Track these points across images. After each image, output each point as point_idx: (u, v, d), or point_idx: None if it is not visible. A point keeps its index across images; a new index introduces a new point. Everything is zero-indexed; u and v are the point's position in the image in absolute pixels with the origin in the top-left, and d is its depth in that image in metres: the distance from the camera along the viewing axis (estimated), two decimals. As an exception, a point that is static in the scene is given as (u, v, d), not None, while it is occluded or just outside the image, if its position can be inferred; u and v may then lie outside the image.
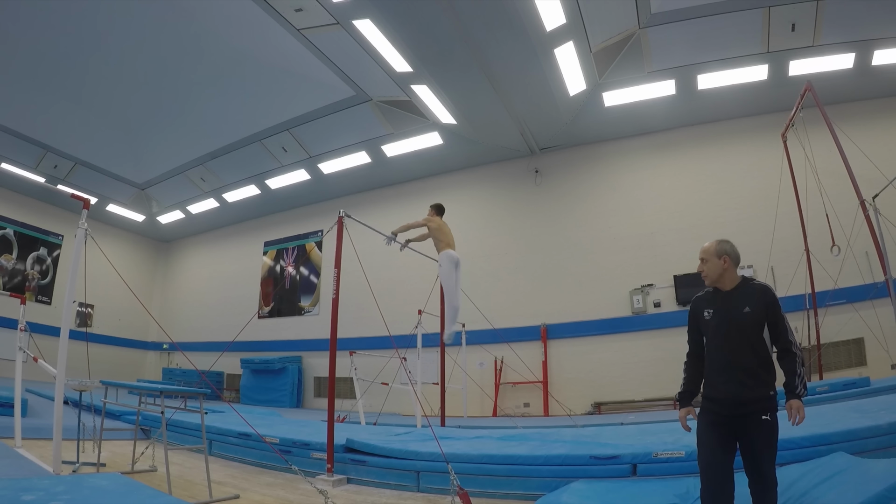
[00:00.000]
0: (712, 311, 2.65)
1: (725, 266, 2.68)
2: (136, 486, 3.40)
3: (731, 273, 2.70)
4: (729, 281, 2.69)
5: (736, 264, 2.72)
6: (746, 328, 2.54)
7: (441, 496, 4.24)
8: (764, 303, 2.57)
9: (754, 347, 2.52)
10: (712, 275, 2.69)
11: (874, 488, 2.55)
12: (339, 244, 5.61)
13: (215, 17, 9.21)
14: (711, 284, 2.72)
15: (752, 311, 2.55)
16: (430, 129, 11.29)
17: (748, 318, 2.54)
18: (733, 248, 2.73)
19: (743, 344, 2.52)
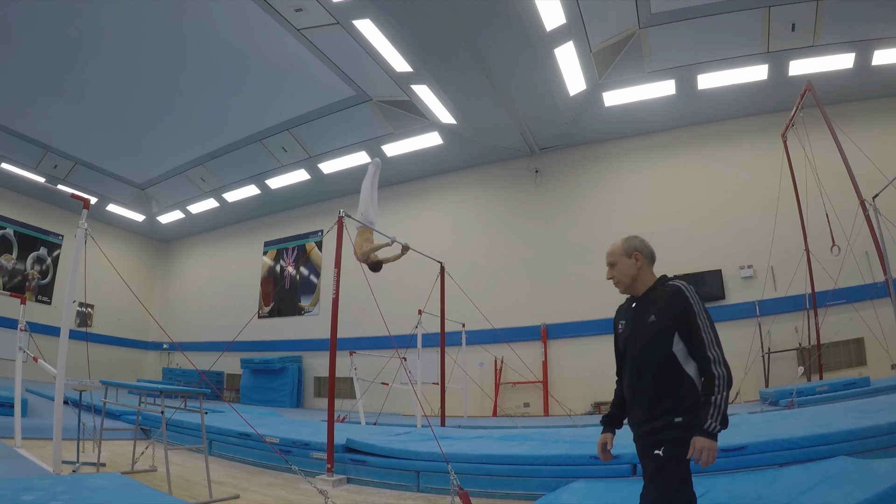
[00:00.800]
0: (624, 323, 2.25)
1: (639, 265, 2.29)
2: (136, 486, 3.40)
3: (646, 273, 2.30)
4: (642, 284, 2.27)
5: (651, 262, 2.34)
6: (650, 341, 2.06)
7: (441, 496, 4.24)
8: (673, 309, 2.05)
9: (659, 364, 2.02)
10: (624, 279, 2.30)
11: (875, 488, 2.55)
12: (339, 244, 5.61)
13: (215, 17, 9.21)
14: (626, 291, 2.33)
15: (658, 320, 2.07)
16: (430, 129, 11.29)
17: (652, 328, 2.07)
18: (644, 243, 2.37)
19: (645, 360, 2.06)
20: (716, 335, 2.00)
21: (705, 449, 1.84)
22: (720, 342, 1.98)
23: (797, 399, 6.42)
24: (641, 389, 2.05)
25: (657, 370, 2.01)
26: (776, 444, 3.61)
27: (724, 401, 1.88)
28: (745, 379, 8.61)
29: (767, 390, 7.80)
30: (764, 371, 8.85)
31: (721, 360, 1.95)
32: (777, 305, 8.88)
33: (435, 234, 12.45)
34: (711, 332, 2.00)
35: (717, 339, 1.99)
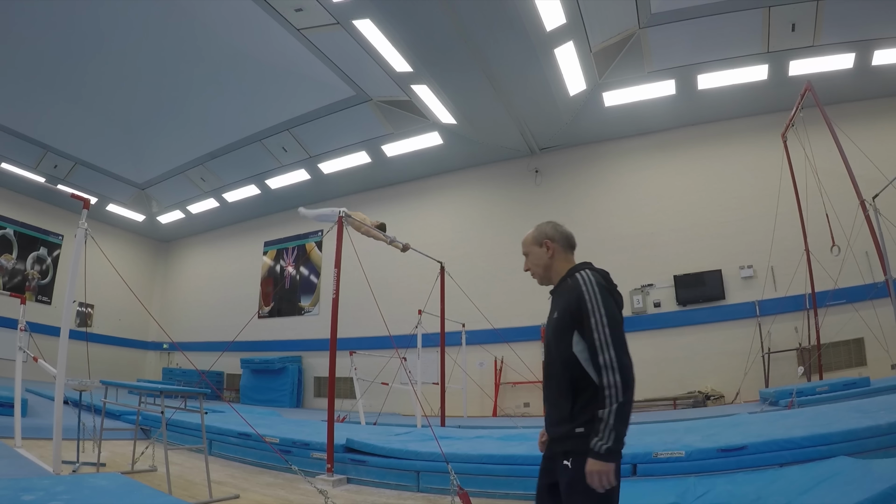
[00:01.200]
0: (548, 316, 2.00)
1: (550, 253, 2.06)
2: (136, 486, 3.40)
3: (560, 262, 2.04)
4: (556, 274, 2.02)
5: (567, 249, 2.10)
6: (553, 340, 1.85)
7: (441, 496, 4.24)
8: (568, 301, 1.82)
9: (562, 366, 1.79)
10: (537, 269, 2.07)
11: (875, 488, 2.55)
12: (339, 244, 5.61)
13: (215, 17, 9.20)
14: (542, 282, 2.09)
15: (559, 317, 1.85)
16: (430, 128, 11.29)
17: (554, 326, 1.86)
18: (558, 228, 2.13)
19: (550, 361, 1.84)
20: (613, 334, 1.71)
21: (594, 472, 1.61)
22: (619, 342, 1.70)
23: (797, 399, 6.42)
24: (547, 391, 1.85)
25: (560, 372, 1.79)
26: (776, 444, 3.62)
27: (613, 414, 1.62)
28: (745, 379, 8.62)
29: (767, 390, 7.80)
30: (764, 371, 8.85)
31: (613, 365, 1.67)
32: (777, 305, 8.88)
33: (435, 234, 12.45)
34: (605, 332, 1.71)
35: (614, 340, 1.70)
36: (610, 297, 1.81)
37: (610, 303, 1.78)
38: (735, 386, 8.78)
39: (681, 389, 9.42)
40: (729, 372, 9.02)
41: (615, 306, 1.80)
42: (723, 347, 9.36)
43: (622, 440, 1.63)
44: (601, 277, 1.87)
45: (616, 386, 1.64)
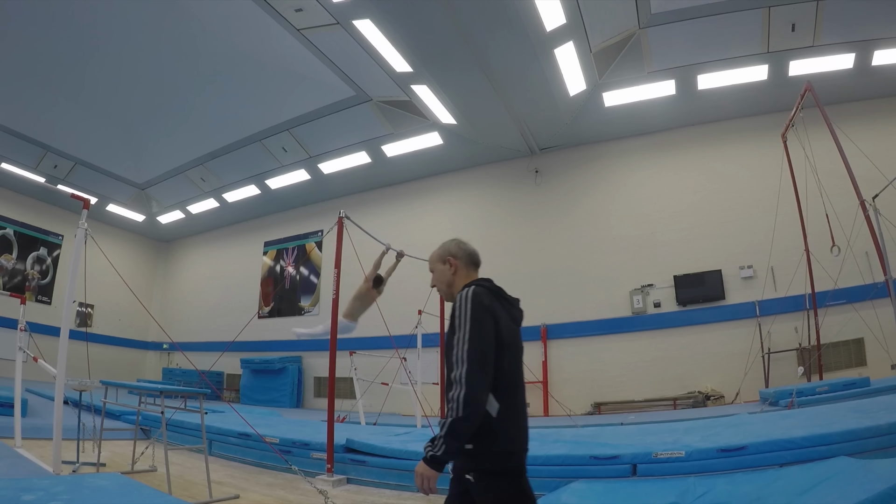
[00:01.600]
0: None
1: (453, 270, 2.10)
2: (136, 486, 3.40)
3: (461, 279, 2.08)
4: (457, 290, 2.03)
5: (469, 266, 2.12)
6: (446, 355, 1.88)
7: (441, 496, 4.24)
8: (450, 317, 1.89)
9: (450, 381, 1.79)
10: (441, 286, 2.12)
11: (875, 488, 2.55)
12: (339, 244, 5.62)
13: (215, 17, 9.20)
14: (447, 299, 2.11)
15: (448, 331, 1.89)
16: (430, 129, 11.29)
17: (446, 340, 1.89)
18: (461, 246, 2.14)
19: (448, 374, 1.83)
20: (471, 352, 1.74)
21: (419, 474, 1.73)
22: (475, 360, 1.73)
23: (797, 399, 6.42)
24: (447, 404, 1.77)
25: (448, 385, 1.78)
26: (776, 444, 3.62)
27: (447, 427, 1.68)
28: (745, 379, 8.62)
29: (767, 390, 7.79)
30: (764, 371, 8.85)
31: (462, 381, 1.71)
32: (777, 305, 8.88)
33: (435, 234, 12.36)
34: (463, 349, 1.75)
35: (469, 358, 1.73)
36: (486, 315, 1.81)
37: (483, 323, 1.79)
38: (735, 386, 8.78)
39: (681, 389, 9.42)
40: (729, 372, 9.02)
41: (489, 325, 1.80)
42: (723, 347, 9.36)
43: (452, 454, 1.70)
44: (485, 295, 1.88)
45: (458, 401, 1.68)
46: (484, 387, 1.72)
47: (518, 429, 1.85)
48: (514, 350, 1.90)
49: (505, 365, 1.81)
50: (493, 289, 1.97)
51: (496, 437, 1.76)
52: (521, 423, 1.88)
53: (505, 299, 1.97)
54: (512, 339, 1.88)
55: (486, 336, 1.78)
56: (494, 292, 1.95)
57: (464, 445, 1.72)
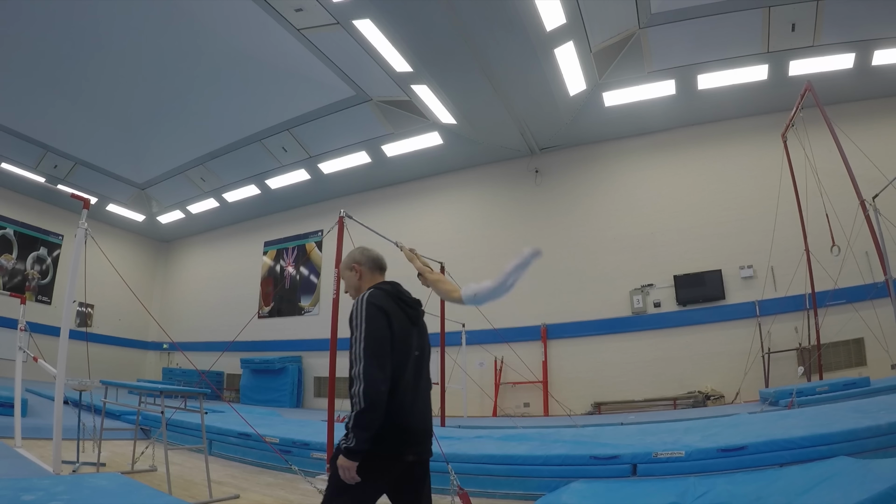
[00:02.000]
0: None
1: (358, 275, 2.27)
2: (136, 486, 3.40)
3: (366, 284, 2.23)
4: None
5: (374, 270, 2.28)
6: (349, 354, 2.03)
7: (441, 496, 4.23)
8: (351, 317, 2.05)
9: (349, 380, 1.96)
10: (351, 291, 2.29)
11: (875, 488, 2.55)
12: (339, 244, 5.62)
13: (215, 17, 9.20)
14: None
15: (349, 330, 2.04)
16: (430, 129, 11.29)
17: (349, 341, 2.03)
18: (365, 253, 2.30)
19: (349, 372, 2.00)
20: (367, 351, 1.91)
21: (339, 466, 1.85)
22: (371, 357, 1.90)
23: (797, 399, 6.42)
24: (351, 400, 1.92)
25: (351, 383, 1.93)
26: (776, 444, 3.62)
27: (353, 419, 1.85)
28: (745, 379, 8.62)
29: (767, 390, 7.80)
30: (764, 371, 8.85)
31: (360, 377, 1.87)
32: (777, 305, 8.88)
33: (435, 234, 12.45)
34: (360, 348, 1.92)
35: (366, 355, 1.90)
36: (379, 314, 1.99)
37: (375, 322, 1.97)
38: (735, 386, 8.78)
39: (681, 389, 9.42)
40: (729, 372, 9.03)
41: (383, 324, 1.97)
42: (723, 347, 9.37)
43: (363, 444, 1.84)
44: (379, 297, 2.06)
45: (359, 395, 1.86)
46: (381, 378, 1.89)
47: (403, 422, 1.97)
48: (405, 348, 2.05)
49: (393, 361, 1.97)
50: (390, 291, 2.14)
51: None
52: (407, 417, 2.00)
53: (403, 301, 2.14)
54: (403, 337, 2.05)
55: (379, 334, 1.95)
56: (392, 294, 2.12)
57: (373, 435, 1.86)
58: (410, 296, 2.21)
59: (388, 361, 1.93)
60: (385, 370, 1.91)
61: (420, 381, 2.12)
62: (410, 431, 2.01)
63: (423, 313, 2.23)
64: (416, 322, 2.16)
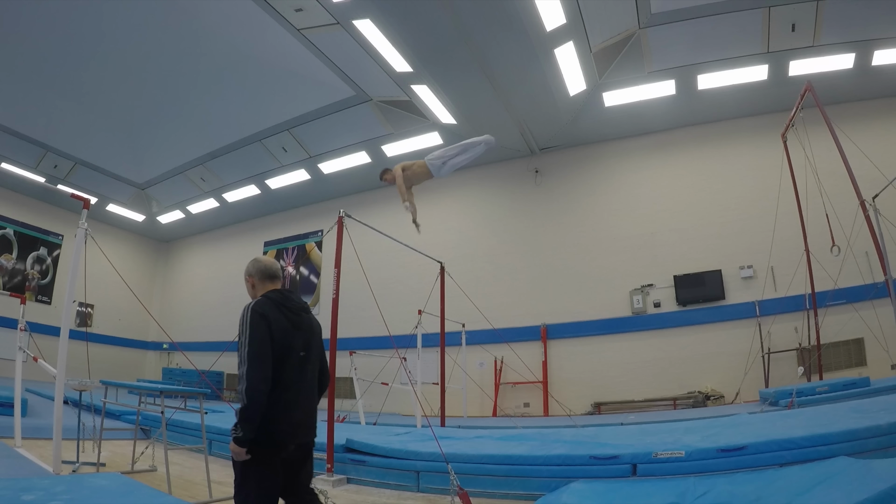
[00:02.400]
0: None
1: (251, 284, 2.60)
2: (136, 486, 3.40)
3: (259, 292, 2.54)
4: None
5: (264, 280, 2.57)
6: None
7: (441, 496, 4.24)
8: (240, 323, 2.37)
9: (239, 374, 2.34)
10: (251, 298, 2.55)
11: (875, 488, 2.55)
12: (339, 244, 5.62)
13: (215, 17, 9.20)
14: None
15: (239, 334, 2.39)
16: (430, 129, 11.29)
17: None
18: (258, 265, 2.59)
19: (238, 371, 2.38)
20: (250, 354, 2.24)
21: (233, 451, 2.19)
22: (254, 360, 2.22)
23: (797, 399, 6.42)
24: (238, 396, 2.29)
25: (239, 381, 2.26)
26: (776, 444, 3.61)
27: (239, 413, 2.18)
28: (745, 379, 8.62)
29: (767, 390, 7.80)
30: (764, 371, 8.85)
31: (244, 377, 2.21)
32: (777, 305, 8.88)
33: (435, 234, 12.42)
34: (244, 351, 2.26)
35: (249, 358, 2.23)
36: (261, 321, 2.31)
37: (257, 328, 2.29)
38: (735, 386, 8.78)
39: (681, 389, 9.42)
40: (729, 372, 9.03)
41: (264, 329, 2.29)
42: (723, 347, 9.37)
43: (249, 433, 2.16)
44: (263, 305, 2.38)
45: (243, 393, 2.18)
46: (261, 378, 2.21)
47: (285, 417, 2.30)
48: (287, 349, 2.36)
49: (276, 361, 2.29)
50: (275, 299, 2.44)
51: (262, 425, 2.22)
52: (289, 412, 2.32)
53: (287, 307, 2.44)
54: (285, 340, 2.36)
55: (260, 339, 2.27)
56: (276, 301, 2.43)
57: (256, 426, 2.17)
58: (297, 303, 2.51)
59: (269, 363, 2.24)
60: (265, 371, 2.22)
61: (304, 378, 2.44)
62: (293, 424, 2.34)
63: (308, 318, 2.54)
64: (299, 326, 2.45)
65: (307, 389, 2.47)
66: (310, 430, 2.49)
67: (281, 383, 2.29)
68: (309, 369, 2.49)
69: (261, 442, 2.20)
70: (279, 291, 2.52)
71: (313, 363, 2.53)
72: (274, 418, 2.24)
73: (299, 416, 2.38)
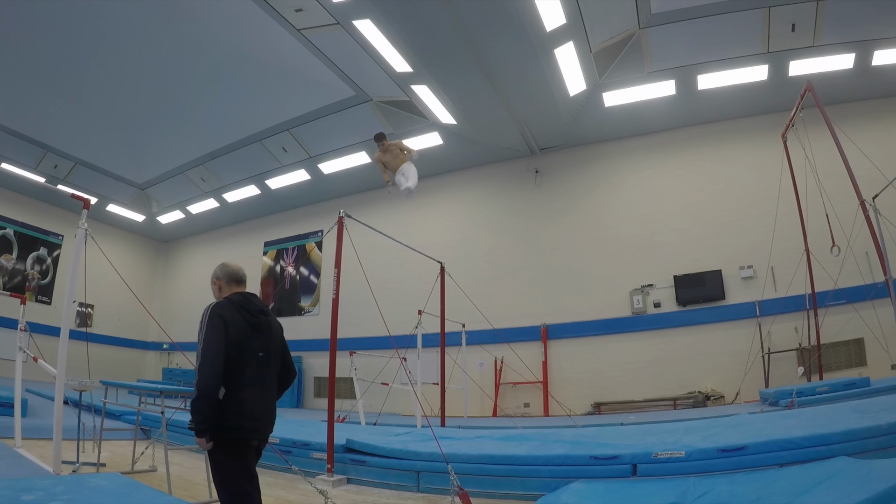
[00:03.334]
0: None
1: (217, 287, 2.76)
2: (136, 486, 3.40)
3: (226, 294, 2.70)
4: None
5: (230, 283, 2.74)
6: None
7: (441, 496, 4.24)
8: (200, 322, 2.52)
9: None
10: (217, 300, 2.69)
11: (875, 488, 2.55)
12: (339, 244, 5.62)
13: (215, 17, 9.20)
14: None
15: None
16: (430, 129, 11.29)
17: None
18: (225, 269, 2.77)
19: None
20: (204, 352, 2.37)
21: (197, 441, 2.38)
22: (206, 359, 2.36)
23: (797, 399, 6.42)
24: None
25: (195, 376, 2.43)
26: (776, 444, 3.62)
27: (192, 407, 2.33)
28: (745, 379, 8.61)
29: (767, 390, 7.80)
30: (764, 371, 8.85)
31: (197, 371, 2.36)
32: (777, 306, 8.88)
33: (435, 234, 12.45)
34: (200, 349, 2.40)
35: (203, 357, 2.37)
36: (219, 321, 2.43)
37: (214, 328, 2.42)
38: (735, 386, 8.78)
39: (681, 389, 9.42)
40: (729, 372, 9.02)
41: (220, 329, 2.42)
42: (723, 347, 9.37)
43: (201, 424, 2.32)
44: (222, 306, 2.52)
45: (196, 388, 2.32)
46: (211, 373, 2.33)
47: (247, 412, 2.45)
48: (245, 350, 2.48)
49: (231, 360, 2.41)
50: (236, 301, 2.59)
51: (224, 419, 2.38)
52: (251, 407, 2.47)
53: (246, 310, 2.58)
54: (242, 340, 2.48)
55: (215, 338, 2.39)
56: (237, 304, 2.57)
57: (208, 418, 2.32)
58: (257, 306, 2.65)
59: (220, 361, 2.36)
60: (216, 367, 2.34)
61: (264, 377, 2.58)
62: (254, 420, 2.49)
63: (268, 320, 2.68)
64: (258, 328, 2.59)
65: (268, 388, 2.62)
66: (268, 426, 2.64)
67: (241, 382, 2.43)
68: (269, 369, 2.63)
69: (227, 436, 2.39)
70: (242, 294, 2.68)
71: (273, 363, 2.67)
72: (237, 414, 2.40)
73: (258, 413, 2.53)
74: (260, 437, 2.58)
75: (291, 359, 2.95)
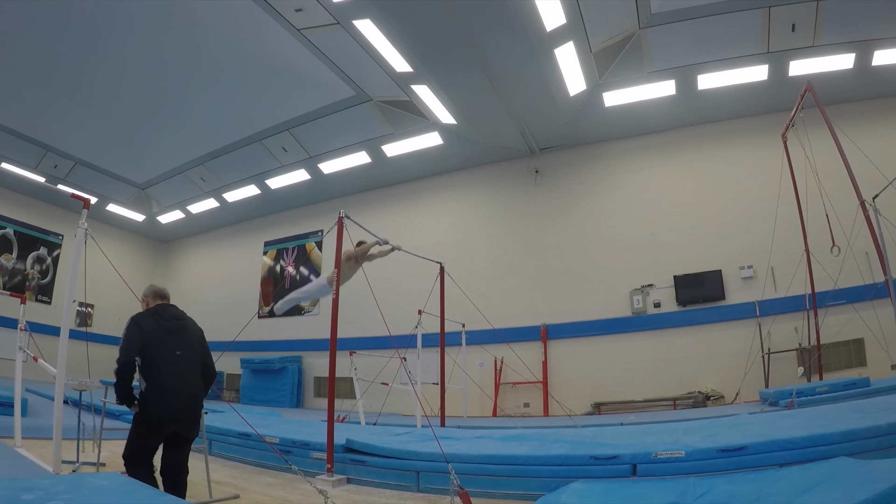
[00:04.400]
0: None
1: (145, 304, 3.51)
2: (136, 486, 3.39)
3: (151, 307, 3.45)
4: None
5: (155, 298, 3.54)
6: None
7: (441, 496, 4.24)
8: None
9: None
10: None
11: (875, 488, 2.54)
12: (339, 244, 5.61)
13: (215, 17, 9.20)
14: None
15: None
16: (430, 129, 11.29)
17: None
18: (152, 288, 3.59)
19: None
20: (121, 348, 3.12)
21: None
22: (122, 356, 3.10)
23: (797, 399, 6.42)
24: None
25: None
26: (776, 445, 3.61)
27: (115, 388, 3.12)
28: (745, 379, 8.62)
29: (767, 391, 7.80)
30: (764, 371, 8.85)
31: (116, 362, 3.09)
32: (777, 306, 8.88)
33: (435, 234, 12.45)
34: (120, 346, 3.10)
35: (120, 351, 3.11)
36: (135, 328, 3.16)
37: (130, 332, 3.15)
38: (735, 386, 8.78)
39: (681, 389, 9.42)
40: (729, 372, 9.02)
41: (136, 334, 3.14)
42: (723, 348, 9.37)
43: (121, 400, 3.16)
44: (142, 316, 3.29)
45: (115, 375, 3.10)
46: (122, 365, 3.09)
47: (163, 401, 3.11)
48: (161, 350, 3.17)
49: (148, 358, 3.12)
50: (153, 310, 3.36)
51: (145, 405, 3.10)
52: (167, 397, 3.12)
53: (161, 317, 3.33)
54: (157, 342, 3.18)
55: (128, 338, 3.12)
56: (153, 313, 3.33)
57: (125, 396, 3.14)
58: (171, 313, 3.42)
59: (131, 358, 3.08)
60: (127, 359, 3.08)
61: (183, 371, 3.25)
62: (171, 409, 3.12)
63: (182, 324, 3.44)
64: (172, 331, 3.30)
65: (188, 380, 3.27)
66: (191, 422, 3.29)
67: (158, 376, 3.11)
68: (189, 365, 3.29)
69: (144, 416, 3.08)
70: (160, 305, 3.45)
71: (192, 360, 3.34)
72: (155, 402, 3.08)
73: (176, 402, 3.14)
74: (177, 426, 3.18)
75: (211, 359, 3.58)
